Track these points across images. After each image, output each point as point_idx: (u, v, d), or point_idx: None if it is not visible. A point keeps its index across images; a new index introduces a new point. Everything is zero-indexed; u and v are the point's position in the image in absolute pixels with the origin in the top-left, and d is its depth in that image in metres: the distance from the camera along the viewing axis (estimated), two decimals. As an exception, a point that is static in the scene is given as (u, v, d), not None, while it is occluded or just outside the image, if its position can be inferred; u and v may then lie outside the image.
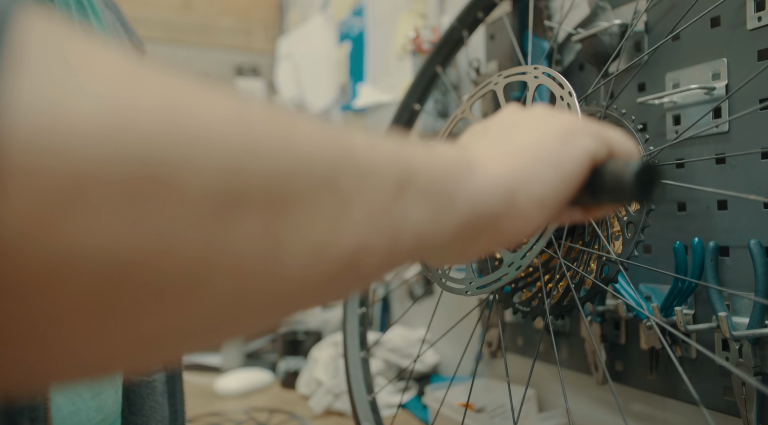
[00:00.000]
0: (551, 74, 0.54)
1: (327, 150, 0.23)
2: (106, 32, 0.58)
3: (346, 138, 0.24)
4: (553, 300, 0.54)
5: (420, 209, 0.26)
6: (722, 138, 0.58)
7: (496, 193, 0.29)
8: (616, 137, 0.35)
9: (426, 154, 0.28)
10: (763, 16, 0.54)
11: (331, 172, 0.22)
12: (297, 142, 0.21)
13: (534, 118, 0.35)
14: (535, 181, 0.31)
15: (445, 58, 0.83)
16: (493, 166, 0.30)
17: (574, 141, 0.33)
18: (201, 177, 0.18)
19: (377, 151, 0.25)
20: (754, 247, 0.53)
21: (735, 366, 0.54)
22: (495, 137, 0.34)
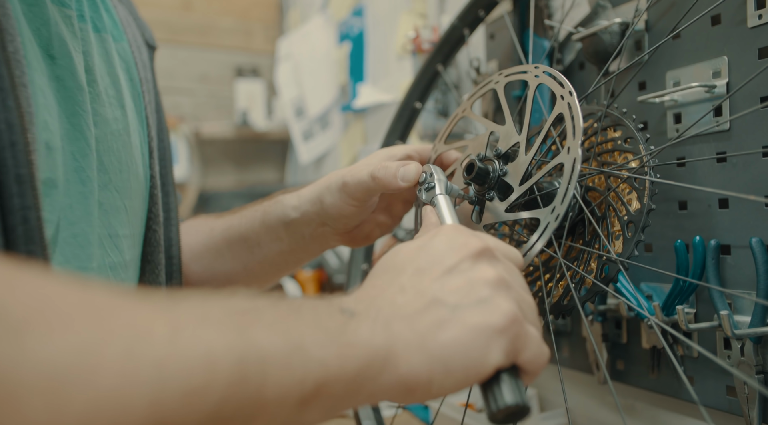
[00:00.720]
0: (552, 73, 0.54)
1: (237, 396, 0.26)
2: (119, 30, 0.59)
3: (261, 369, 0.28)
4: (553, 300, 0.54)
5: (317, 413, 0.30)
6: (723, 136, 0.58)
7: (397, 390, 0.33)
8: (531, 352, 0.36)
9: (340, 362, 0.31)
10: (764, 13, 0.54)
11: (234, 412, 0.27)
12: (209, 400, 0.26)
13: (471, 300, 0.35)
14: (434, 385, 0.33)
15: (446, 57, 0.83)
16: (404, 365, 0.33)
17: (488, 356, 0.34)
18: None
19: (289, 373, 0.29)
20: (755, 246, 0.53)
21: (737, 365, 0.54)
22: (422, 314, 0.34)
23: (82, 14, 0.51)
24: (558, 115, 0.51)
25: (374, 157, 0.60)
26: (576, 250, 0.56)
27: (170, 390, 0.24)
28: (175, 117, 2.04)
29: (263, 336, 0.29)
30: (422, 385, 0.33)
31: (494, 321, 0.34)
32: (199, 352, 0.26)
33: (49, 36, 0.45)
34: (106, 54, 0.54)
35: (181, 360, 0.25)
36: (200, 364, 0.26)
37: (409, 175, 0.54)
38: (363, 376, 0.31)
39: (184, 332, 0.27)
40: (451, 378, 0.33)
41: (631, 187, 0.54)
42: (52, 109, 0.44)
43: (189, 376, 0.25)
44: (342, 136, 1.62)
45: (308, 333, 0.31)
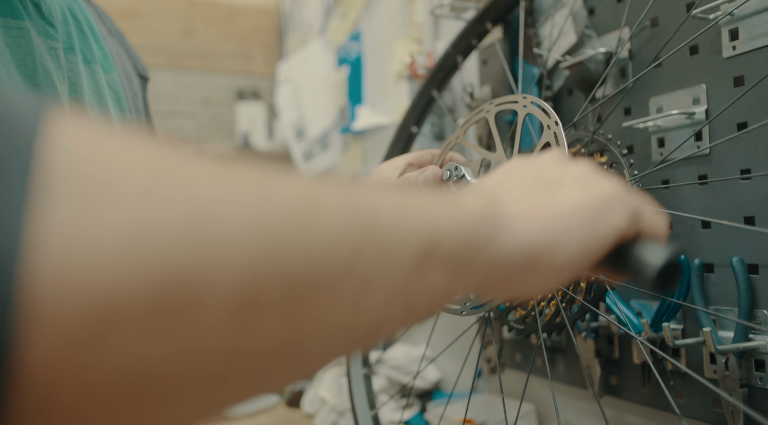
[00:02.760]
0: (539, 104, 0.57)
1: (350, 231, 0.22)
2: (109, 62, 0.59)
3: (370, 206, 0.24)
4: (545, 318, 0.56)
5: (440, 277, 0.26)
6: (704, 160, 0.61)
7: (519, 257, 0.29)
8: (649, 215, 0.35)
9: (452, 216, 0.27)
10: (737, 45, 0.57)
11: (353, 252, 0.22)
12: (319, 230, 0.21)
13: (576, 178, 0.34)
14: (560, 249, 0.30)
15: (441, 83, 0.86)
16: (522, 227, 0.30)
17: (608, 215, 0.32)
18: (222, 288, 0.18)
19: (401, 219, 0.25)
20: (736, 264, 0.55)
21: (722, 379, 0.57)
22: (531, 191, 0.33)
23: (71, 46, 0.52)
24: (545, 143, 0.54)
25: (383, 172, 0.62)
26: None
27: (274, 213, 0.20)
28: (183, 143, 2.07)
29: (365, 188, 0.25)
30: (546, 251, 0.30)
31: (605, 187, 0.33)
32: (299, 184, 0.22)
33: (34, 67, 0.45)
34: (95, 85, 0.55)
35: (281, 186, 0.21)
36: (302, 193, 0.22)
37: (429, 179, 0.57)
38: (480, 234, 0.28)
39: (277, 172, 0.22)
40: (576, 241, 0.31)
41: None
42: None
43: (292, 201, 0.21)
44: (342, 156, 1.65)
45: (413, 193, 0.27)
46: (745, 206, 0.57)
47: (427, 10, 1.14)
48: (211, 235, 0.18)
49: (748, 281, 0.55)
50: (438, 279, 0.26)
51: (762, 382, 0.54)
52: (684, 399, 0.62)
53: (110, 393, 0.17)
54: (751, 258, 0.56)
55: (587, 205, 0.32)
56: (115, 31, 0.67)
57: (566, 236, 0.31)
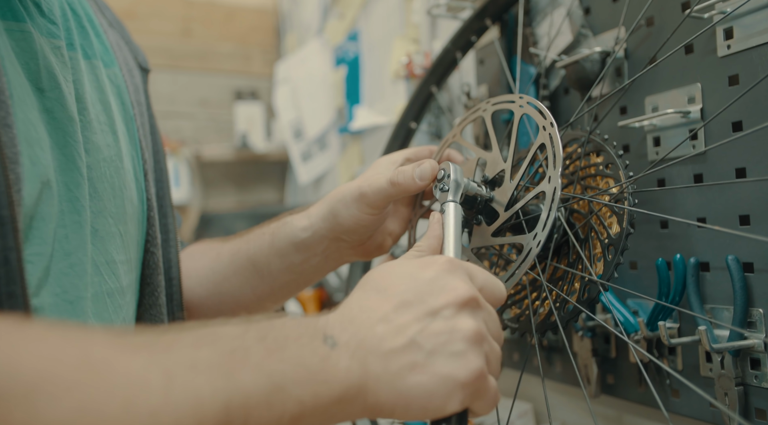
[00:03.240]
0: (535, 104, 0.57)
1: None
2: (110, 55, 0.59)
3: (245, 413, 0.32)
4: (539, 318, 0.56)
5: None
6: (699, 159, 0.61)
7: (362, 415, 0.38)
8: (484, 403, 0.40)
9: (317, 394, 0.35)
10: (732, 44, 0.57)
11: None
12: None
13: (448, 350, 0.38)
14: (395, 416, 0.38)
15: (440, 79, 0.86)
16: (372, 398, 0.37)
17: (446, 405, 0.38)
18: None
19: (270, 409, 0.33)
20: (731, 263, 0.56)
21: (718, 377, 0.57)
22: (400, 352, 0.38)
23: (71, 42, 0.51)
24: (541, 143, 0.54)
25: (379, 166, 0.62)
26: (561, 270, 0.58)
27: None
28: (176, 141, 2.07)
29: (248, 379, 0.33)
30: (385, 413, 0.38)
31: (461, 376, 0.38)
32: (190, 401, 0.30)
33: (37, 69, 0.45)
34: (96, 80, 0.54)
35: (174, 410, 0.29)
36: (191, 412, 0.30)
37: (425, 173, 0.57)
38: (335, 408, 0.36)
39: (176, 380, 0.30)
40: (410, 414, 0.38)
41: (611, 211, 0.56)
42: (44, 142, 0.44)
43: (181, 424, 0.29)
44: (340, 156, 1.65)
45: (289, 373, 0.35)
46: (741, 205, 0.57)
47: (424, 10, 1.15)
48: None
49: (744, 280, 0.55)
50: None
51: (757, 380, 0.54)
52: (680, 398, 0.62)
53: None
54: (746, 256, 0.56)
55: (436, 390, 0.37)
56: (115, 22, 0.66)
57: (404, 412, 0.38)
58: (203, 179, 2.19)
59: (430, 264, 0.42)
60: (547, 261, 0.58)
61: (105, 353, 0.30)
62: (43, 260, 0.43)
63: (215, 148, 2.15)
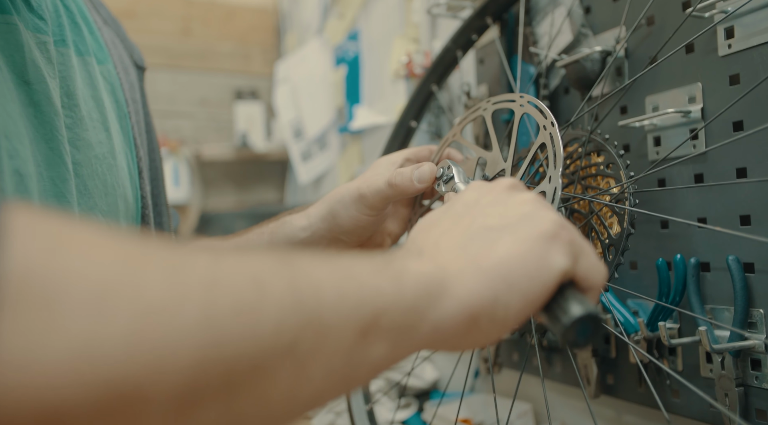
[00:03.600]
0: (536, 103, 0.57)
1: (293, 318, 0.24)
2: (104, 52, 0.58)
3: (315, 291, 0.26)
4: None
5: (381, 348, 0.27)
6: (700, 159, 0.60)
7: (460, 318, 0.30)
8: (588, 262, 0.34)
9: (394, 288, 0.29)
10: (733, 43, 0.57)
11: (294, 339, 0.24)
12: (264, 321, 0.23)
13: (519, 218, 0.34)
14: (499, 305, 0.31)
15: (440, 77, 0.86)
16: (463, 286, 0.30)
17: (550, 259, 0.32)
18: (164, 389, 0.19)
19: (344, 300, 0.26)
20: (732, 263, 0.55)
21: (718, 378, 0.57)
22: (473, 240, 0.33)
23: (63, 38, 0.50)
24: (541, 143, 0.54)
25: (379, 167, 0.62)
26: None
27: (221, 308, 0.22)
28: (176, 140, 2.07)
29: (312, 267, 0.27)
30: (487, 308, 0.30)
31: (546, 228, 0.33)
32: (247, 275, 0.24)
33: (23, 62, 0.44)
34: (89, 77, 0.54)
35: (229, 280, 0.24)
36: (248, 284, 0.24)
37: (424, 175, 0.56)
38: (421, 303, 0.29)
39: (227, 261, 0.25)
40: (515, 291, 0.31)
41: (612, 211, 0.56)
42: (23, 136, 0.43)
43: (239, 295, 0.23)
44: (340, 156, 1.65)
45: (358, 265, 0.29)
46: (741, 205, 0.57)
47: (424, 10, 1.14)
48: (156, 339, 0.20)
49: (744, 280, 0.55)
50: (379, 350, 0.27)
51: (758, 381, 0.54)
52: (680, 398, 0.62)
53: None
54: (747, 256, 0.56)
55: (529, 250, 0.32)
56: (110, 20, 0.65)
57: (505, 290, 0.31)
58: (203, 179, 2.18)
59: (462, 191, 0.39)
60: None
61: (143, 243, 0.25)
62: None
63: (215, 148, 2.15)
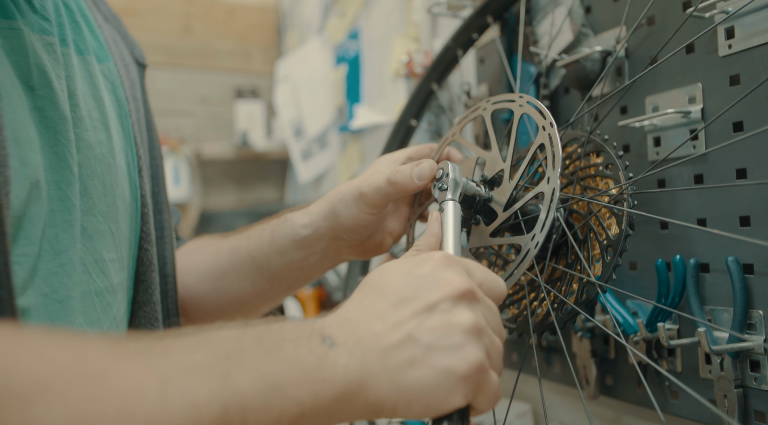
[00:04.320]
0: (535, 104, 0.56)
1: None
2: (104, 51, 0.58)
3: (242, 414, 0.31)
4: (537, 318, 0.56)
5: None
6: (700, 159, 0.60)
7: (363, 414, 0.37)
8: (485, 398, 0.39)
9: (313, 400, 0.34)
10: (733, 43, 0.57)
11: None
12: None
13: (444, 345, 0.37)
14: (398, 413, 0.37)
15: (441, 76, 0.86)
16: (374, 393, 0.36)
17: (449, 399, 0.37)
18: None
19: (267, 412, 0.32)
20: (731, 264, 0.55)
21: (717, 379, 0.56)
22: (397, 349, 0.37)
23: (64, 38, 0.50)
24: (539, 144, 0.54)
25: (380, 165, 0.62)
26: (560, 271, 0.58)
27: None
28: (176, 138, 2.07)
29: (245, 382, 0.32)
30: (387, 411, 0.37)
31: (461, 368, 0.37)
32: (186, 406, 0.29)
33: (28, 67, 0.44)
34: (89, 76, 0.53)
35: (171, 415, 0.29)
36: (187, 416, 0.29)
37: (424, 173, 0.56)
38: (335, 407, 0.35)
39: (172, 386, 0.30)
40: (412, 410, 0.37)
41: (611, 212, 0.56)
42: (34, 142, 0.44)
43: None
44: (340, 155, 1.65)
45: (286, 374, 0.34)
46: (741, 206, 0.56)
47: (424, 9, 1.14)
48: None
49: (744, 281, 0.55)
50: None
51: (757, 383, 0.54)
52: (679, 399, 0.62)
53: None
54: (746, 258, 0.56)
55: (436, 386, 0.36)
56: (111, 17, 0.65)
57: (407, 406, 0.37)
58: (203, 177, 2.18)
59: (426, 260, 0.42)
60: (546, 262, 0.58)
61: (100, 359, 0.30)
62: (29, 261, 0.43)
63: (215, 146, 2.15)
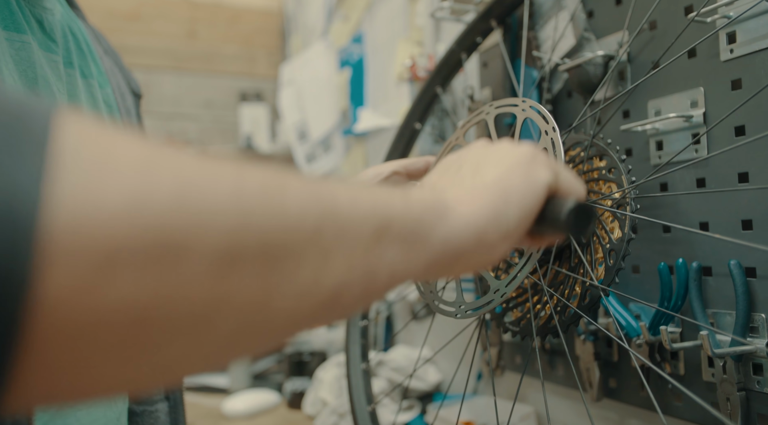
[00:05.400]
0: (538, 109, 0.57)
1: (313, 207, 0.26)
2: (104, 78, 0.63)
3: (330, 193, 0.28)
4: (540, 321, 0.56)
5: (394, 252, 0.30)
6: (702, 163, 0.61)
7: (467, 233, 0.33)
8: (567, 176, 0.40)
9: (403, 203, 0.31)
10: (735, 48, 0.57)
11: (316, 227, 0.26)
12: (287, 203, 0.25)
13: (500, 152, 0.39)
14: (501, 217, 0.35)
15: (445, 80, 0.86)
16: (464, 208, 0.34)
17: (534, 174, 0.37)
18: (205, 240, 0.22)
19: (358, 203, 0.29)
20: (733, 268, 0.55)
21: (720, 382, 0.57)
22: (464, 177, 0.38)
23: (70, 61, 0.55)
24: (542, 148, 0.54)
25: (365, 176, 0.63)
26: (563, 274, 0.58)
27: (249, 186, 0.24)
28: (181, 142, 2.08)
29: (325, 182, 0.29)
30: (491, 221, 0.34)
31: (524, 153, 0.38)
32: (268, 169, 0.26)
33: (34, 77, 0.49)
34: (91, 97, 0.59)
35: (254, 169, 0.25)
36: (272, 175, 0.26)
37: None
38: (428, 217, 0.32)
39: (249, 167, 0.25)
40: (513, 205, 0.35)
41: (613, 216, 0.56)
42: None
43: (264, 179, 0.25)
44: (344, 158, 1.66)
45: (366, 187, 0.31)
46: (743, 209, 0.57)
47: (428, 13, 1.15)
48: (196, 205, 0.22)
49: (746, 285, 0.55)
50: (393, 253, 0.30)
51: (759, 386, 0.54)
52: (682, 401, 0.62)
53: (111, 328, 0.20)
54: (749, 261, 0.56)
55: (514, 169, 0.37)
56: (110, 50, 0.71)
57: (503, 203, 0.35)
58: (208, 180, 2.19)
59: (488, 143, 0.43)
60: (549, 265, 0.58)
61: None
62: None
63: (220, 150, 2.16)
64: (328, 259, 0.27)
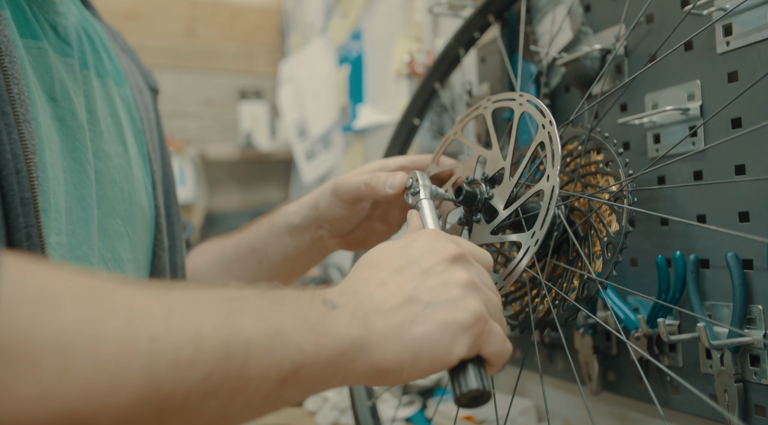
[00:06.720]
0: (535, 103, 0.57)
1: (221, 371, 0.31)
2: (121, 76, 0.65)
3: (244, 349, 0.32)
4: (538, 315, 0.57)
5: (295, 392, 0.34)
6: (699, 156, 0.61)
7: (368, 375, 0.37)
8: (494, 345, 0.40)
9: (315, 349, 0.35)
10: (731, 40, 0.57)
11: (218, 385, 0.31)
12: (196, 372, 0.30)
13: (443, 299, 0.39)
14: (404, 371, 0.37)
15: (443, 75, 0.87)
16: (379, 351, 0.37)
17: (453, 349, 0.38)
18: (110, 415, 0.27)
19: (269, 356, 0.33)
20: (730, 260, 0.56)
21: (717, 374, 0.57)
22: (399, 308, 0.38)
23: (85, 62, 0.57)
24: (539, 142, 0.54)
25: (368, 167, 0.66)
26: (561, 268, 0.59)
27: (162, 361, 0.29)
28: (181, 140, 2.08)
29: (247, 322, 0.33)
30: (393, 371, 0.37)
31: (462, 318, 0.38)
32: (189, 332, 0.30)
33: (51, 81, 0.50)
34: (108, 97, 0.60)
35: (173, 337, 0.30)
36: (189, 342, 0.30)
37: (395, 182, 0.59)
38: (337, 362, 0.35)
39: (176, 313, 0.31)
40: (419, 366, 0.37)
41: (611, 209, 0.57)
42: (54, 144, 0.49)
43: (179, 351, 0.29)
44: (344, 155, 1.66)
45: (289, 322, 0.34)
46: (740, 201, 0.57)
47: (426, 9, 1.15)
48: (107, 386, 0.26)
49: (743, 276, 0.55)
50: (293, 393, 0.34)
51: (757, 377, 0.54)
52: (680, 394, 0.62)
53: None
54: (746, 253, 0.56)
55: (440, 337, 0.38)
56: (127, 48, 0.72)
57: (413, 362, 0.37)
58: (208, 178, 2.20)
59: (416, 236, 0.44)
60: (547, 259, 0.58)
61: (110, 284, 0.31)
62: (61, 249, 0.47)
63: (220, 148, 2.16)
64: (225, 407, 0.31)
